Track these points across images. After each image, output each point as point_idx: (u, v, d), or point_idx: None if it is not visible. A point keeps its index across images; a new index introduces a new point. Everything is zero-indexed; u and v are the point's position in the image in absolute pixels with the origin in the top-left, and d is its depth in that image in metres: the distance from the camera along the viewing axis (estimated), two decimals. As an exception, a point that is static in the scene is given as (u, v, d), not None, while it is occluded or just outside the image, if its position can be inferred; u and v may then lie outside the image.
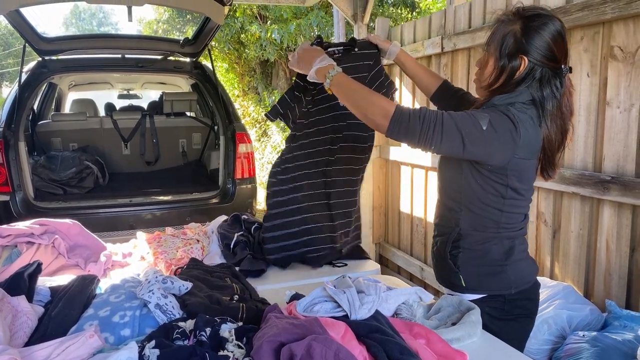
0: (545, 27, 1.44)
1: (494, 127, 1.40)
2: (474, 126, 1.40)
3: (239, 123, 4.23)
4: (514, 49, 1.45)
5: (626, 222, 2.20)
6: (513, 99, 1.47)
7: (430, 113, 1.42)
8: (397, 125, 1.42)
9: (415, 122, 1.41)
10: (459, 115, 1.43)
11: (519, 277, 1.59)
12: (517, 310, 1.60)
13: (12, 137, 3.57)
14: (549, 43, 1.44)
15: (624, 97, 2.17)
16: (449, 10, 3.33)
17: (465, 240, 1.59)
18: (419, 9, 10.56)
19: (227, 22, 9.19)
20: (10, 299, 1.28)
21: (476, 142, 1.41)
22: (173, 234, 2.30)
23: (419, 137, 1.42)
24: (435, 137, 1.40)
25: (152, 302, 1.29)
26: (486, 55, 1.53)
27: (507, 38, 1.46)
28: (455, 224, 1.60)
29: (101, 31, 48.19)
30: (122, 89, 7.26)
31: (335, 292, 1.30)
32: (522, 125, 1.42)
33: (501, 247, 1.57)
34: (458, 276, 1.60)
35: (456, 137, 1.40)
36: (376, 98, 1.49)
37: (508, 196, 1.52)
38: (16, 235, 1.90)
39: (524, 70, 1.46)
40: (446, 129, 1.40)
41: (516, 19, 1.47)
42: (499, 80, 1.50)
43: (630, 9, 2.07)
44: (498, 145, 1.42)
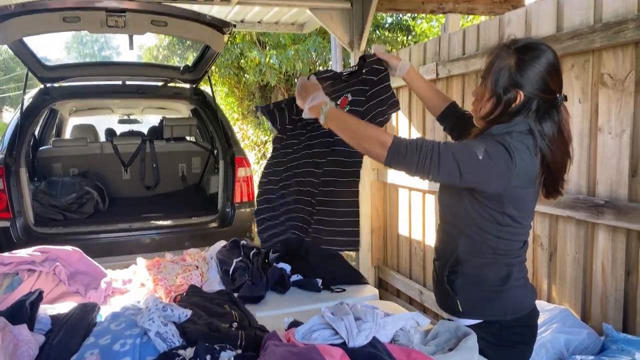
0: (539, 60, 1.47)
1: (490, 156, 1.43)
2: (470, 156, 1.43)
3: (238, 147, 4.28)
4: (509, 84, 1.49)
5: (621, 245, 2.22)
6: (510, 129, 1.49)
7: (426, 143, 1.46)
8: (395, 155, 1.46)
9: (413, 152, 1.44)
10: (456, 145, 1.48)
11: (516, 304, 1.61)
12: (514, 337, 1.61)
13: (13, 164, 3.60)
14: (543, 76, 1.47)
15: (615, 123, 2.22)
16: (444, 37, 3.40)
17: (463, 265, 1.61)
18: (414, 33, 10.72)
19: (227, 48, 9.32)
20: (11, 328, 1.30)
21: (472, 171, 1.44)
22: (172, 260, 2.32)
23: (416, 166, 1.46)
24: (433, 167, 1.44)
25: (153, 330, 1.30)
26: (482, 88, 1.56)
27: (502, 72, 1.49)
28: (453, 248, 1.63)
29: (103, 56, 48.71)
30: (123, 114, 7.33)
31: (333, 319, 1.32)
32: (518, 155, 1.45)
33: (498, 273, 1.59)
34: (455, 301, 1.62)
35: (453, 167, 1.44)
36: (372, 131, 1.54)
37: (504, 223, 1.55)
38: (17, 263, 1.92)
39: (519, 103, 1.49)
40: (443, 159, 1.43)
41: (510, 52, 1.50)
42: (495, 112, 1.53)
43: (619, 37, 2.13)
44: (494, 174, 1.46)
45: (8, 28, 3.13)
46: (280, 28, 5.51)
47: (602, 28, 2.20)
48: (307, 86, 1.74)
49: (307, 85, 1.74)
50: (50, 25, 3.20)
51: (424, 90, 1.98)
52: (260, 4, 4.32)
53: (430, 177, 1.47)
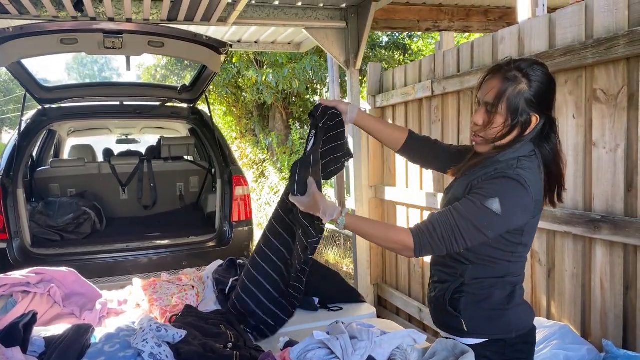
0: (547, 79, 1.48)
1: (507, 205, 1.42)
2: (489, 216, 1.43)
3: (235, 166, 4.28)
4: (524, 108, 1.46)
5: (618, 260, 2.22)
6: (517, 154, 1.50)
7: (444, 225, 1.46)
8: (422, 250, 1.49)
9: (437, 242, 1.47)
10: (471, 211, 1.45)
11: (520, 321, 1.61)
12: (516, 355, 1.60)
13: (10, 185, 3.60)
14: (550, 96, 1.50)
15: (609, 138, 2.23)
16: (438, 55, 3.44)
17: (469, 286, 1.59)
18: (410, 51, 10.83)
19: (225, 67, 9.41)
20: (4, 351, 1.29)
21: (496, 227, 1.45)
22: (168, 280, 2.31)
23: (446, 251, 1.49)
24: (459, 243, 1.46)
25: (146, 352, 1.29)
26: (492, 114, 1.50)
27: (518, 98, 1.46)
28: (459, 274, 1.61)
29: (102, 76, 49.08)
30: (121, 134, 7.36)
31: (328, 339, 1.31)
32: (532, 186, 1.46)
33: (504, 292, 1.59)
34: (459, 320, 1.59)
35: (478, 234, 1.45)
36: (391, 236, 1.54)
37: (518, 250, 1.57)
38: (12, 284, 1.91)
39: (535, 126, 1.50)
40: (465, 233, 1.45)
41: (520, 76, 1.47)
42: (509, 137, 1.51)
43: (610, 54, 2.15)
44: (517, 218, 1.47)
45: (6, 50, 3.15)
46: (277, 47, 5.57)
47: (593, 44, 2.22)
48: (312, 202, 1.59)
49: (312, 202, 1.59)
50: (48, 48, 3.22)
51: (378, 127, 1.89)
52: (257, 24, 4.37)
53: (462, 250, 1.50)
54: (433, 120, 3.52)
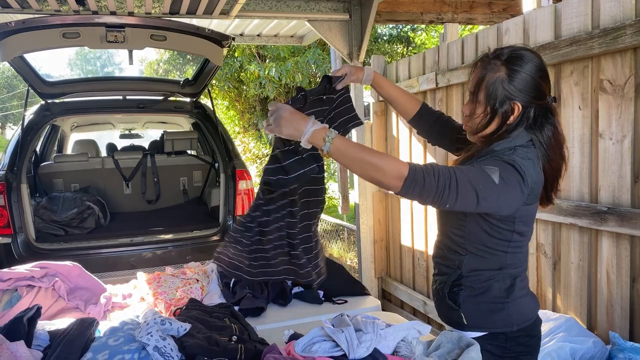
0: (528, 67, 1.45)
1: (505, 180, 1.39)
2: (487, 181, 1.38)
3: (239, 160, 4.28)
4: (504, 97, 1.45)
5: (625, 252, 2.20)
6: (513, 143, 1.47)
7: (442, 171, 1.38)
8: (412, 186, 1.37)
9: (431, 182, 1.36)
10: (472, 171, 1.40)
11: (521, 314, 1.58)
12: (519, 348, 1.57)
13: (14, 180, 3.60)
14: (535, 83, 1.45)
15: (616, 129, 2.21)
16: (442, 47, 3.41)
17: (467, 279, 1.58)
18: (414, 44, 10.78)
19: (227, 62, 9.38)
20: (9, 345, 1.28)
21: (489, 198, 1.39)
22: (173, 274, 2.31)
23: (433, 196, 1.38)
24: (451, 196, 1.37)
25: (151, 345, 1.29)
26: (473, 103, 1.52)
27: (495, 86, 1.45)
28: (457, 266, 1.59)
29: (105, 72, 49.10)
30: (124, 129, 7.35)
31: (333, 331, 1.30)
32: (529, 174, 1.43)
33: (502, 284, 1.57)
34: (459, 314, 1.58)
35: (471, 195, 1.38)
36: (385, 161, 1.39)
37: (513, 240, 1.53)
38: (16, 279, 1.91)
39: (517, 115, 1.46)
40: (461, 186, 1.37)
41: (499, 64, 1.46)
42: (491, 126, 1.50)
43: (617, 43, 2.12)
44: (509, 198, 1.42)
45: (8, 45, 3.14)
46: (279, 40, 5.54)
47: (600, 34, 2.19)
48: (289, 114, 1.45)
49: (289, 113, 1.46)
50: (50, 42, 3.21)
51: (393, 94, 1.85)
52: (259, 17, 4.34)
53: (447, 206, 1.40)
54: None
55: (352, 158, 1.41)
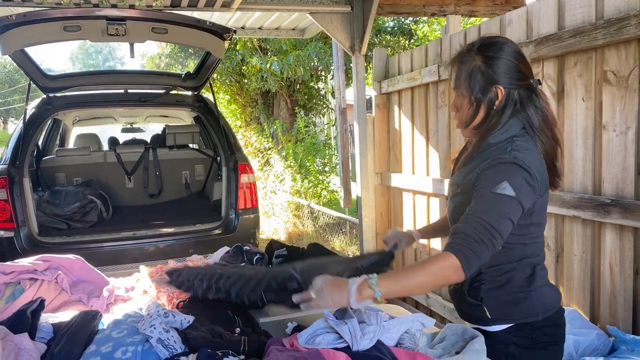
0: (503, 51, 1.47)
1: (516, 186, 1.38)
2: (508, 202, 1.37)
3: (240, 154, 4.27)
4: (485, 83, 1.47)
5: (628, 244, 2.19)
6: (508, 134, 1.47)
7: (476, 229, 1.35)
8: (471, 266, 1.33)
9: (479, 248, 1.33)
10: (491, 204, 1.38)
11: (544, 303, 1.55)
12: (545, 338, 1.55)
13: (16, 174, 3.60)
14: (513, 64, 1.47)
15: (620, 121, 2.20)
16: (445, 39, 3.39)
17: (486, 274, 1.54)
18: (416, 37, 10.74)
19: (228, 55, 9.35)
20: (12, 337, 1.29)
21: (517, 211, 1.39)
22: (175, 267, 2.31)
23: (489, 254, 1.36)
24: (497, 240, 1.36)
25: (154, 337, 1.29)
26: (459, 97, 1.54)
27: (474, 75, 1.48)
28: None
29: (107, 66, 49.02)
30: (126, 122, 7.35)
31: (336, 323, 1.30)
32: (533, 166, 1.42)
33: (523, 274, 1.54)
34: (482, 308, 1.54)
35: (507, 223, 1.38)
36: (435, 271, 1.34)
37: (531, 232, 1.53)
38: (19, 272, 1.91)
39: (502, 99, 1.47)
40: (497, 226, 1.35)
41: (473, 54, 1.49)
42: (479, 116, 1.51)
43: (621, 34, 2.11)
44: (526, 199, 1.42)
45: (9, 38, 3.14)
46: (281, 34, 5.52)
47: (604, 25, 2.18)
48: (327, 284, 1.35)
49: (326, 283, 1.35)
50: (51, 35, 3.21)
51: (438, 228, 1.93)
52: (261, 10, 4.32)
53: (500, 247, 1.39)
54: (439, 106, 3.49)
55: (408, 288, 1.39)
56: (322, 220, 7.20)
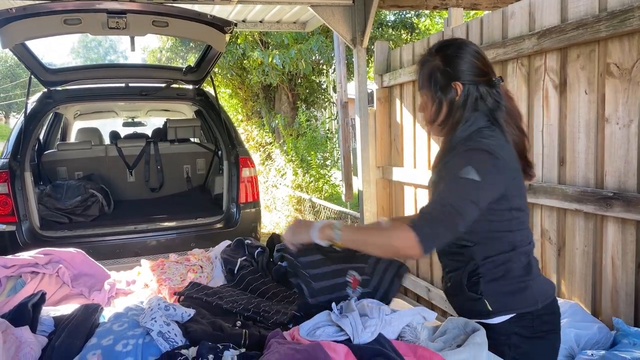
0: (461, 50, 1.55)
1: (482, 170, 1.41)
2: (471, 185, 1.41)
3: (242, 147, 4.27)
4: (444, 80, 1.54)
5: (630, 238, 2.19)
6: (474, 127, 1.53)
7: (437, 209, 1.41)
8: (429, 243, 1.38)
9: (439, 230, 1.39)
10: (455, 188, 1.43)
11: (543, 291, 1.59)
12: (545, 327, 1.58)
13: (18, 168, 3.60)
14: (471, 61, 1.54)
15: (623, 113, 2.18)
16: (447, 32, 3.38)
17: (483, 267, 1.56)
18: (418, 30, 10.69)
19: (229, 49, 9.32)
20: (14, 330, 1.29)
21: (483, 195, 1.43)
22: (176, 261, 2.31)
23: (449, 234, 1.42)
24: (459, 222, 1.40)
25: (155, 330, 1.29)
26: (423, 97, 1.62)
27: (434, 74, 1.56)
28: (469, 258, 1.57)
29: (107, 59, 48.95)
30: (127, 116, 7.35)
31: (337, 317, 1.30)
32: (499, 148, 1.46)
33: (520, 264, 1.57)
34: (482, 302, 1.55)
35: (470, 207, 1.41)
36: (392, 237, 1.43)
37: (514, 217, 1.54)
38: (20, 265, 1.91)
39: (461, 94, 1.54)
40: (459, 208, 1.39)
41: (433, 55, 1.58)
42: (442, 112, 1.58)
43: (624, 26, 2.09)
44: (497, 183, 1.46)
45: (9, 32, 3.13)
46: (282, 27, 5.50)
47: (607, 17, 2.16)
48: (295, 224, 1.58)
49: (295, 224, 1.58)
50: (52, 28, 3.19)
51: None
52: (262, 2, 4.31)
53: (462, 230, 1.42)
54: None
55: (363, 242, 1.48)
56: (324, 215, 7.20)
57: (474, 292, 1.56)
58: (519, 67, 2.73)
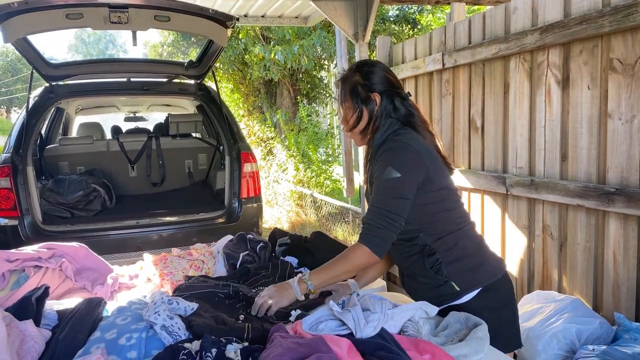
0: (374, 66, 1.80)
1: (398, 165, 1.62)
2: (395, 183, 1.61)
3: (243, 143, 4.27)
4: (365, 92, 1.76)
5: (632, 233, 2.19)
6: (388, 132, 1.73)
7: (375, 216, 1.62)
8: (380, 248, 1.61)
9: (383, 233, 1.60)
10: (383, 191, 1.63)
11: (497, 263, 1.78)
12: (505, 297, 1.77)
13: (20, 162, 3.61)
14: (384, 75, 1.78)
15: (625, 109, 2.18)
16: (449, 27, 3.36)
17: (439, 250, 1.69)
18: (420, 26, 10.66)
19: (231, 44, 9.31)
20: (17, 324, 1.29)
21: (407, 187, 1.62)
22: (179, 255, 2.32)
23: (393, 234, 1.62)
24: (397, 220, 1.61)
25: (158, 324, 1.30)
26: (344, 110, 1.81)
27: (355, 87, 1.77)
28: (421, 245, 1.70)
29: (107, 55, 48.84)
30: (129, 111, 7.34)
31: (340, 312, 1.30)
32: (412, 141, 1.67)
33: (471, 241, 1.75)
34: (449, 284, 1.68)
35: (401, 202, 1.61)
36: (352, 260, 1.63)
37: (444, 196, 1.72)
38: (24, 259, 1.92)
39: (379, 103, 1.75)
40: (393, 208, 1.61)
41: (352, 72, 1.80)
42: (363, 120, 1.77)
43: (628, 21, 2.08)
44: (415, 171, 1.64)
45: (11, 26, 3.12)
46: (284, 22, 5.50)
47: (610, 12, 2.15)
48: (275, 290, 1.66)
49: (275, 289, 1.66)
50: (53, 23, 3.19)
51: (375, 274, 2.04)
52: (264, -3, 4.30)
53: (403, 224, 1.63)
54: (443, 94, 3.47)
55: (334, 276, 1.67)
56: (325, 210, 7.21)
57: (439, 278, 1.68)
58: (521, 62, 2.73)
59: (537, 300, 2.47)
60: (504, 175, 2.85)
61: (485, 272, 1.71)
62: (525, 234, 2.79)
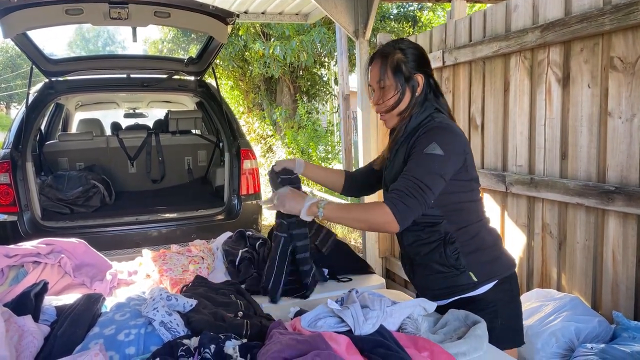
0: (416, 46, 1.71)
1: (444, 145, 1.55)
2: (436, 159, 1.54)
3: (243, 139, 4.26)
4: (408, 72, 1.67)
5: (632, 232, 2.19)
6: (427, 112, 1.67)
7: (408, 185, 1.53)
8: (404, 218, 1.52)
9: (412, 202, 1.51)
10: (422, 164, 1.55)
11: (511, 258, 1.78)
12: (515, 290, 1.76)
13: (19, 158, 3.60)
14: (424, 56, 1.72)
15: (626, 108, 2.18)
16: (450, 25, 3.36)
17: (458, 240, 1.66)
18: (420, 23, 10.65)
19: (231, 41, 9.29)
20: (16, 319, 1.29)
21: (447, 168, 1.57)
22: (178, 251, 2.31)
23: (421, 208, 1.54)
24: (429, 195, 1.53)
25: (157, 320, 1.29)
26: (383, 89, 1.70)
27: (399, 65, 1.67)
28: (442, 233, 1.66)
29: (107, 51, 48.75)
30: (128, 108, 7.34)
31: (339, 310, 1.30)
32: (456, 127, 1.64)
33: (490, 234, 1.74)
34: (467, 274, 1.66)
35: (437, 179, 1.54)
36: (369, 213, 1.57)
37: (474, 187, 1.71)
38: (23, 255, 1.92)
39: (423, 85, 1.68)
40: (428, 182, 1.52)
41: (392, 49, 1.69)
42: (404, 101, 1.68)
43: (629, 20, 2.08)
44: (457, 155, 1.61)
45: (11, 21, 3.12)
46: (284, 18, 5.48)
47: (611, 10, 2.15)
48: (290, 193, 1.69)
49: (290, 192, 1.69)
50: (53, 18, 3.18)
51: (322, 175, 2.06)
52: (264, -6, 4.29)
53: (432, 202, 1.56)
54: (444, 92, 3.45)
55: (343, 219, 1.62)
56: (325, 207, 7.19)
57: (458, 267, 1.66)
58: (522, 60, 2.72)
59: (536, 298, 2.47)
60: (504, 174, 2.85)
61: (502, 265, 1.71)
62: (525, 232, 2.79)
